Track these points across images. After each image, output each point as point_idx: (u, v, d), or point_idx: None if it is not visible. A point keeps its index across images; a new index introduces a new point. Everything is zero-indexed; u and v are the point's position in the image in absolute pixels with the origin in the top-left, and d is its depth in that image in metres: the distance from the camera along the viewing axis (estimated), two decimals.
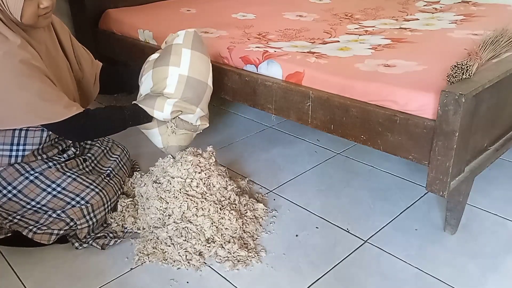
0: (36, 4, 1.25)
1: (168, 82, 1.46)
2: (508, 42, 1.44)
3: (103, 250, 1.38)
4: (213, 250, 1.33)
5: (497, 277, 1.27)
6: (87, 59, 1.59)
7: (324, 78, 1.43)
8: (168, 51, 1.50)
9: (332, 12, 2.28)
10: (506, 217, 1.51)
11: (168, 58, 1.48)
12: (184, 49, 1.48)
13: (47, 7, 1.28)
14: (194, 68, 1.48)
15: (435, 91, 1.19)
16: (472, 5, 2.31)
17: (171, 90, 1.46)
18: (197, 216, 1.37)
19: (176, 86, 1.46)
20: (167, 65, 1.47)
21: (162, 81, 1.47)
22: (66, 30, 1.52)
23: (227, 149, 2.00)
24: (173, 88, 1.46)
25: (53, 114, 1.28)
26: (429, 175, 1.21)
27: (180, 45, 1.49)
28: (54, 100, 1.28)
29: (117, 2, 2.41)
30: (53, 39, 1.42)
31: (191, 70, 1.47)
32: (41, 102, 1.26)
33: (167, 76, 1.46)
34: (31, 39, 1.31)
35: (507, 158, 1.84)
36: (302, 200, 1.62)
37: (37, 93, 1.25)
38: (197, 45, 1.51)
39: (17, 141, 1.35)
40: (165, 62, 1.48)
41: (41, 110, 1.27)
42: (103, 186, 1.43)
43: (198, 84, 1.49)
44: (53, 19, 1.43)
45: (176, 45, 1.49)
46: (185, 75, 1.46)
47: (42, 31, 1.36)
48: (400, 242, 1.41)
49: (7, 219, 1.37)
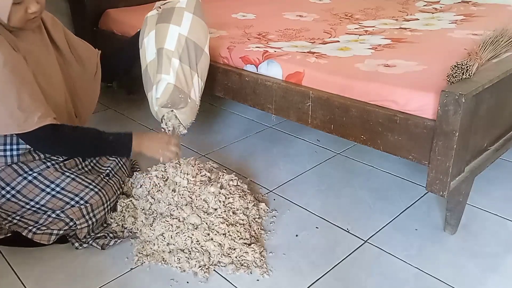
0: (24, 8, 1.25)
1: (168, 39, 1.49)
2: (508, 42, 1.44)
3: (103, 250, 1.38)
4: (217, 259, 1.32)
5: (497, 277, 1.27)
6: (85, 49, 1.59)
7: (324, 78, 1.43)
8: (170, 12, 1.52)
9: (332, 12, 2.28)
10: (506, 217, 1.51)
11: (170, 17, 1.51)
12: (186, 12, 1.51)
13: (35, 11, 1.27)
14: (193, 32, 1.51)
15: (435, 91, 1.19)
16: (472, 5, 2.31)
17: (171, 47, 1.49)
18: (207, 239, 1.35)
19: (175, 44, 1.48)
20: (168, 22, 1.50)
21: (163, 37, 1.50)
22: (58, 25, 1.50)
23: (227, 149, 2.00)
24: (173, 45, 1.49)
25: (24, 124, 1.26)
26: (429, 175, 1.21)
27: (183, 9, 1.52)
28: (30, 110, 1.26)
29: (117, 2, 2.41)
30: (43, 39, 1.41)
31: (191, 32, 1.51)
32: (15, 111, 1.24)
33: (167, 33, 1.49)
34: (19, 41, 1.30)
35: (507, 158, 1.84)
36: (302, 200, 1.62)
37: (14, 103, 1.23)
38: (198, 12, 1.54)
39: (9, 141, 1.35)
40: (167, 20, 1.51)
41: (15, 119, 1.25)
42: (102, 186, 1.43)
43: (196, 48, 1.52)
44: (44, 16, 1.41)
45: (179, 8, 1.52)
46: (185, 36, 1.49)
47: (31, 33, 1.35)
48: (400, 242, 1.41)
49: (6, 219, 1.37)
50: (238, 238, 1.36)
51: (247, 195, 1.54)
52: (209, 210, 1.41)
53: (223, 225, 1.36)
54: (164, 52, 1.49)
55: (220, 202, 1.43)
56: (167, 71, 1.48)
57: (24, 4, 1.25)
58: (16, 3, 1.23)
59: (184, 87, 1.51)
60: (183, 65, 1.50)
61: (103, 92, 2.62)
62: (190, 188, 1.46)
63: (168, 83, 1.48)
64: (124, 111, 2.43)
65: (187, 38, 1.50)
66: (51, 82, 1.38)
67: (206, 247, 1.33)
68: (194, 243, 1.33)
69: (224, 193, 1.46)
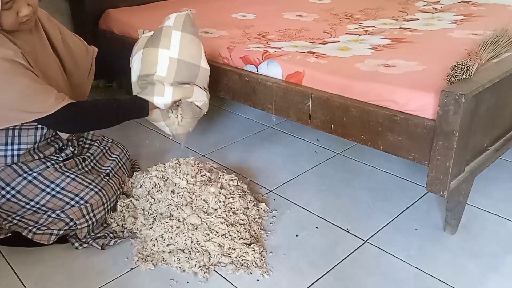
0: (15, 13, 1.23)
1: (159, 65, 1.45)
2: (508, 42, 1.44)
3: (103, 250, 1.38)
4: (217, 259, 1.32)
5: (497, 277, 1.27)
6: (80, 46, 1.57)
7: (324, 78, 1.43)
8: (159, 33, 1.49)
9: (332, 12, 2.28)
10: (506, 217, 1.51)
11: (158, 41, 1.47)
12: (174, 31, 1.47)
13: (27, 14, 1.25)
14: (184, 51, 1.47)
15: (435, 91, 1.19)
16: (472, 5, 2.31)
17: (163, 73, 1.45)
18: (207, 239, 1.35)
19: (167, 69, 1.45)
20: (157, 47, 1.46)
21: (152, 64, 1.46)
22: (54, 23, 1.49)
23: (227, 149, 2.00)
24: (165, 71, 1.45)
25: (43, 108, 1.27)
26: (429, 175, 1.21)
27: (170, 27, 1.47)
28: (43, 93, 1.27)
29: (117, 2, 2.41)
30: (41, 39, 1.40)
31: (182, 53, 1.46)
32: (29, 97, 1.25)
33: (157, 59, 1.45)
34: (17, 41, 1.29)
35: (507, 158, 1.84)
36: (302, 200, 1.62)
37: (24, 89, 1.23)
38: (188, 28, 1.49)
39: (11, 140, 1.34)
40: (155, 44, 1.47)
41: (30, 105, 1.26)
42: (102, 186, 1.43)
43: (190, 67, 1.48)
44: (39, 14, 1.41)
45: (167, 27, 1.48)
46: (175, 58, 1.45)
47: (28, 33, 1.34)
48: (400, 242, 1.41)
49: (6, 219, 1.37)
50: (238, 238, 1.36)
51: (247, 195, 1.54)
52: (209, 210, 1.41)
53: (223, 225, 1.36)
54: (155, 79, 1.46)
55: (220, 202, 1.43)
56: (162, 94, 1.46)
57: (14, 8, 1.23)
58: (5, 9, 1.21)
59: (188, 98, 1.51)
60: (178, 87, 1.47)
61: (103, 92, 2.65)
62: (190, 189, 1.46)
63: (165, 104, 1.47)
64: None
65: (178, 60, 1.45)
66: (50, 81, 1.38)
67: (206, 247, 1.33)
68: (194, 243, 1.33)
69: (224, 193, 1.46)
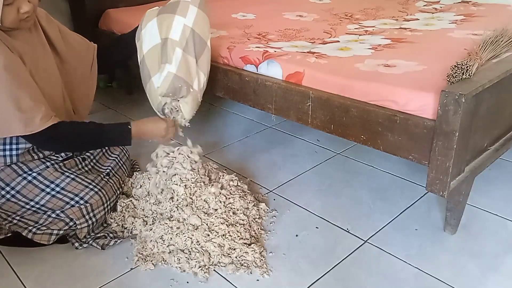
0: (16, 9, 1.23)
1: (174, 28, 1.47)
2: (508, 42, 1.44)
3: (103, 250, 1.38)
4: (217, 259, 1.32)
5: (497, 277, 1.27)
6: (81, 44, 1.59)
7: (324, 78, 1.43)
8: (175, 4, 1.52)
9: (332, 12, 2.28)
10: (506, 217, 1.51)
11: (175, 9, 1.50)
12: (191, 6, 1.50)
13: (28, 11, 1.26)
14: (198, 24, 1.50)
15: (435, 91, 1.19)
16: (472, 5, 2.31)
17: (176, 37, 1.47)
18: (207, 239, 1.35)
19: (180, 34, 1.47)
20: (173, 13, 1.49)
21: (167, 27, 1.48)
22: (53, 23, 1.50)
23: (227, 149, 2.00)
24: (178, 35, 1.47)
25: (27, 127, 1.26)
26: (429, 175, 1.21)
27: (188, 2, 1.51)
28: (29, 111, 1.26)
29: (117, 2, 2.41)
30: (40, 38, 1.40)
31: (196, 24, 1.50)
32: (17, 113, 1.24)
33: (172, 22, 1.48)
34: (15, 41, 1.29)
35: (507, 158, 1.84)
36: (302, 200, 1.62)
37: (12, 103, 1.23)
38: (203, 7, 1.54)
39: (9, 140, 1.34)
40: (172, 11, 1.50)
41: (15, 121, 1.25)
42: (102, 186, 1.43)
43: (200, 41, 1.51)
44: (38, 13, 1.41)
45: (184, 2, 1.51)
46: (190, 27, 1.48)
47: (27, 32, 1.35)
48: (400, 242, 1.41)
49: (6, 220, 1.37)
50: (238, 238, 1.36)
51: (247, 195, 1.54)
52: (209, 210, 1.41)
53: (223, 226, 1.36)
54: (169, 42, 1.48)
55: (221, 203, 1.43)
56: (170, 61, 1.47)
57: (15, 4, 1.23)
58: (7, 4, 1.21)
59: (186, 77, 1.49)
60: (186, 55, 1.48)
61: (103, 92, 2.65)
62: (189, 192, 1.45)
63: (169, 72, 1.47)
64: (124, 111, 2.43)
65: (192, 29, 1.49)
66: (49, 80, 1.38)
67: (206, 247, 1.33)
68: (194, 243, 1.33)
69: (225, 194, 1.46)
